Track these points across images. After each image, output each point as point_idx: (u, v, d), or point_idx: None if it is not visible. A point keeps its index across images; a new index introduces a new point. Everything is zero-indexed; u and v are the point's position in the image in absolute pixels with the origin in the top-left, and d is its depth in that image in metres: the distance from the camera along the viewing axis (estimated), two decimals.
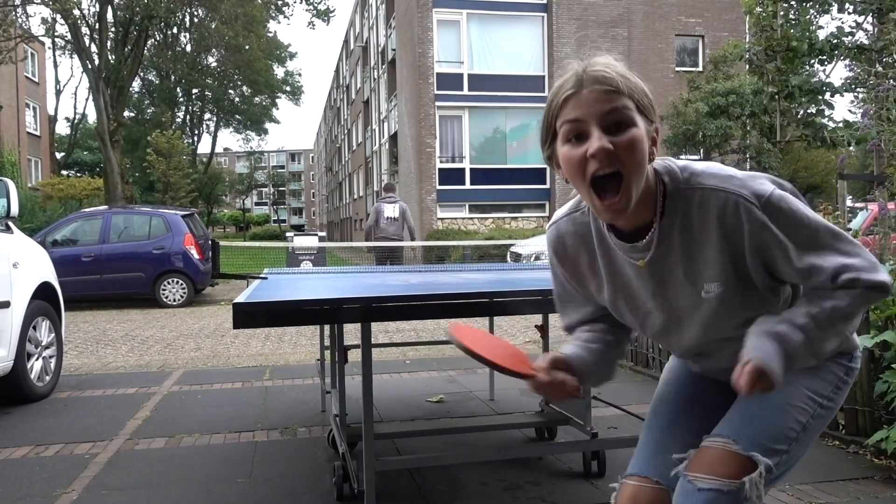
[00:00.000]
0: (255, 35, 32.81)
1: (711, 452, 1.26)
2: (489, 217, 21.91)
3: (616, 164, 1.16)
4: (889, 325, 3.13)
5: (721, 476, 1.22)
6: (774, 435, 1.28)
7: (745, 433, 1.27)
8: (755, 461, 1.23)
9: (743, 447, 1.24)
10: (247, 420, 3.90)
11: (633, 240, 1.28)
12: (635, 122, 1.17)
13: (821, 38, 6.19)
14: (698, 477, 1.24)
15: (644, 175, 1.19)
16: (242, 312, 1.89)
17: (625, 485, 1.38)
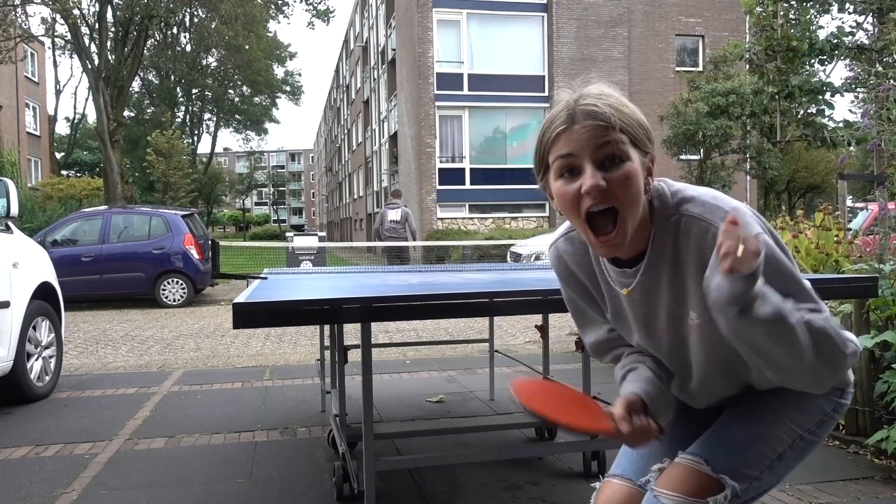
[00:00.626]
0: (255, 35, 32.84)
1: (681, 469, 1.26)
2: (489, 217, 21.91)
3: (610, 201, 1.15)
4: (889, 325, 3.13)
5: (686, 494, 1.22)
6: (747, 460, 1.27)
7: (717, 454, 1.26)
8: (723, 483, 1.23)
9: (713, 468, 1.24)
10: (247, 420, 3.90)
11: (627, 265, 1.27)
12: (629, 155, 1.15)
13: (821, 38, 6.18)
14: (664, 493, 1.24)
15: (640, 208, 1.18)
16: (242, 312, 1.89)
17: (607, 483, 1.39)
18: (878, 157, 5.36)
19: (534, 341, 6.56)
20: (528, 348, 6.16)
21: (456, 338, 7.03)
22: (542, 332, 3.48)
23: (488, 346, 4.36)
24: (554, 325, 7.49)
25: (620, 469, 1.39)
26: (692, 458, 1.27)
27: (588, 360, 3.00)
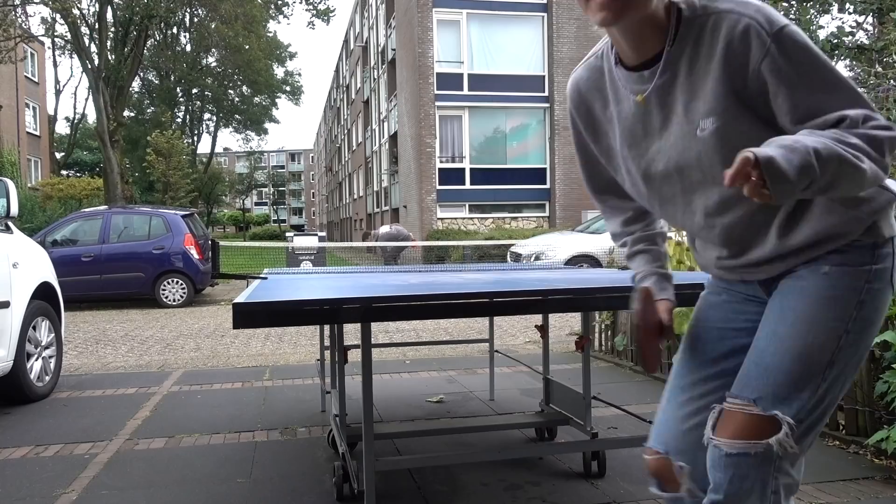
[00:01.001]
0: (255, 35, 32.80)
1: (733, 416, 1.23)
2: (489, 217, 21.91)
3: None
4: (889, 326, 3.13)
5: (746, 439, 1.20)
6: (797, 386, 1.20)
7: (765, 391, 1.20)
8: (779, 420, 1.19)
9: (763, 408, 1.20)
10: (247, 420, 3.90)
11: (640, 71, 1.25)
12: None
13: (821, 38, 6.19)
14: (724, 442, 1.22)
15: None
16: (242, 312, 1.89)
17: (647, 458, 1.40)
18: None
19: (534, 341, 6.56)
20: (528, 348, 6.16)
21: (456, 338, 7.03)
22: (542, 332, 3.48)
23: (488, 346, 4.36)
24: (554, 325, 7.49)
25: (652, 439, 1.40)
26: (740, 403, 1.23)
27: (588, 360, 3.00)
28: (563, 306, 2.09)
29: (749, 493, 1.19)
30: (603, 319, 5.74)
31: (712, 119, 1.18)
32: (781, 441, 1.18)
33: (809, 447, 1.24)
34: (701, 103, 1.19)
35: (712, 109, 1.17)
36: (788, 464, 1.21)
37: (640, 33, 1.21)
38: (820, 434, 1.33)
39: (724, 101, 1.16)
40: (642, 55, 1.23)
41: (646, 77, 1.24)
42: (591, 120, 1.40)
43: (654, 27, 1.19)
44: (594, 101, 1.38)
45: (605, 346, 5.72)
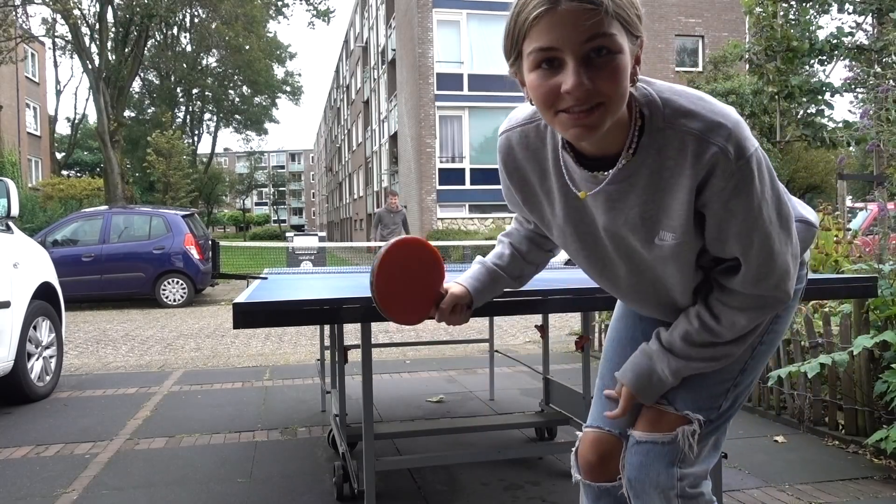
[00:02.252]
0: (255, 35, 32.82)
1: (650, 412, 1.32)
2: (489, 217, 21.91)
3: (594, 99, 1.00)
4: (889, 325, 3.14)
5: (656, 431, 1.30)
6: (709, 391, 1.31)
7: (679, 394, 1.31)
8: (689, 418, 1.29)
9: (676, 407, 1.30)
10: (247, 420, 3.91)
11: (594, 167, 1.15)
12: (620, 46, 0.99)
13: (821, 38, 6.19)
14: (637, 433, 1.32)
15: (624, 103, 1.04)
16: (242, 312, 1.89)
17: (585, 432, 1.44)
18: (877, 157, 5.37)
19: (534, 341, 6.57)
20: (528, 348, 6.17)
21: (456, 338, 7.03)
22: (542, 332, 3.49)
23: (488, 346, 4.36)
24: (554, 325, 7.50)
25: (593, 420, 1.44)
26: (657, 401, 1.32)
27: (588, 360, 3.00)
28: (563, 306, 2.10)
29: (653, 481, 1.27)
30: (603, 319, 5.74)
31: (673, 236, 1.16)
32: (687, 434, 1.28)
33: (710, 452, 1.34)
34: (663, 217, 1.16)
35: (675, 227, 1.15)
36: (692, 459, 1.29)
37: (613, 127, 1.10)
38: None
39: (686, 222, 1.14)
40: (599, 150, 1.14)
41: (599, 178, 1.15)
42: (524, 185, 1.31)
43: (614, 126, 1.08)
44: (530, 171, 1.27)
45: None
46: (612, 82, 0.99)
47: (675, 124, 1.08)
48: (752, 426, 3.55)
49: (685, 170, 1.09)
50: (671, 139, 1.09)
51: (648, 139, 1.10)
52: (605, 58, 0.99)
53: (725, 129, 1.07)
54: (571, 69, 0.98)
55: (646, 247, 1.20)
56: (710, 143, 1.06)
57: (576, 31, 0.97)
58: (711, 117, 1.07)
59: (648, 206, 1.15)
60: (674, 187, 1.12)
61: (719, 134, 1.06)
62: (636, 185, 1.14)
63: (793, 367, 3.23)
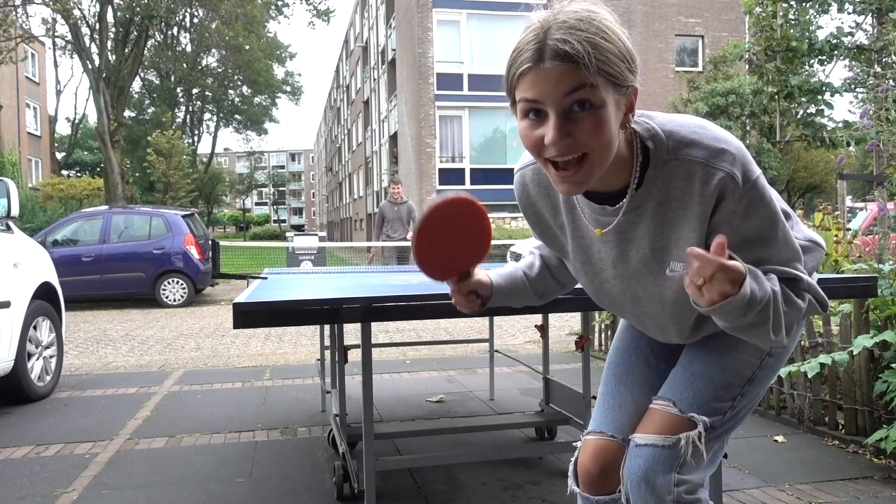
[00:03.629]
0: (255, 35, 32.83)
1: (654, 414, 1.31)
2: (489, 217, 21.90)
3: (577, 150, 1.05)
4: (888, 325, 3.14)
5: (658, 433, 1.28)
6: (716, 393, 1.29)
7: (685, 394, 1.29)
8: (693, 421, 1.27)
9: (680, 409, 1.28)
10: (247, 420, 3.91)
11: (603, 202, 1.20)
12: (602, 100, 1.02)
13: (820, 38, 6.19)
14: (638, 435, 1.30)
15: (612, 151, 1.08)
16: (242, 312, 1.90)
17: (586, 441, 1.41)
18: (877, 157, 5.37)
19: (534, 341, 6.57)
20: (528, 348, 6.17)
21: (456, 338, 7.03)
22: (542, 332, 3.49)
23: (488, 346, 4.36)
24: (554, 325, 7.50)
25: (596, 426, 1.42)
26: (662, 402, 1.31)
27: (588, 360, 3.00)
28: (563, 306, 2.10)
29: (651, 485, 1.25)
30: (603, 319, 5.74)
31: (684, 265, 1.16)
32: (692, 438, 1.26)
33: (710, 461, 1.31)
34: (672, 246, 1.18)
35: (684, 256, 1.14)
36: (692, 466, 1.27)
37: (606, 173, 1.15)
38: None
39: None
40: (603, 187, 1.18)
41: (608, 211, 1.19)
42: (539, 221, 1.36)
43: (615, 165, 1.12)
44: (543, 207, 1.33)
45: (605, 345, 5.72)
46: (593, 135, 1.04)
47: (680, 155, 1.12)
48: (752, 426, 3.55)
49: (693, 198, 1.12)
50: (677, 170, 1.12)
51: (654, 171, 1.14)
52: (588, 111, 1.03)
53: (729, 154, 1.10)
54: (552, 122, 1.03)
55: (657, 279, 1.23)
56: (716, 170, 1.09)
57: (557, 87, 1.01)
58: (714, 144, 1.11)
59: (657, 237, 1.18)
60: (683, 217, 1.15)
61: (724, 160, 1.09)
62: (644, 216, 1.17)
63: (793, 367, 3.23)
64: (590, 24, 1.02)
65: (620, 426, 1.37)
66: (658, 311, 1.30)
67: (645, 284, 1.26)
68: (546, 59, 1.01)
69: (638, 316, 1.36)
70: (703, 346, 1.35)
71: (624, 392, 1.42)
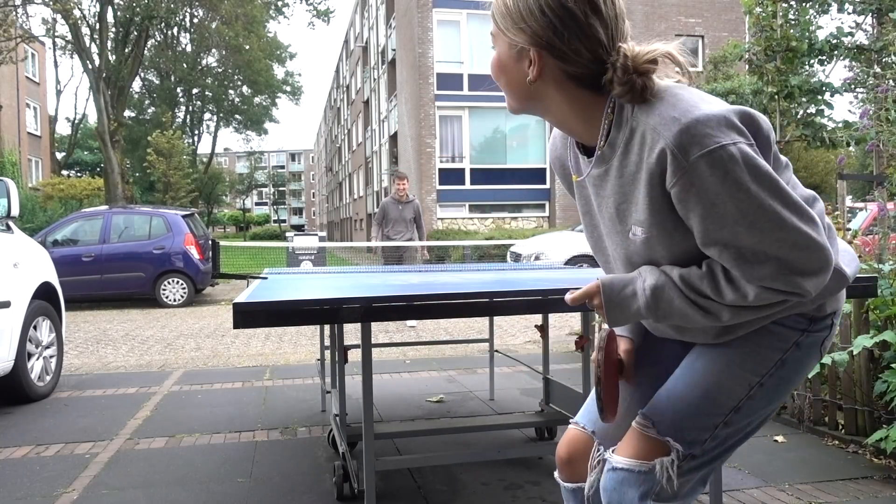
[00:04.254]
0: (255, 35, 32.82)
1: (631, 434, 1.28)
2: (489, 217, 21.91)
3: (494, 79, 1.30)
4: (889, 325, 3.14)
5: (633, 457, 1.24)
6: (695, 420, 1.24)
7: (665, 416, 1.25)
8: (670, 446, 1.23)
9: (658, 431, 1.23)
10: (247, 420, 3.91)
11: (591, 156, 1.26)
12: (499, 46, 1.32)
13: (820, 38, 6.20)
14: (612, 457, 1.27)
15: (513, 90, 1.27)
16: (242, 312, 1.90)
17: (567, 428, 1.44)
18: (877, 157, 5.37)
19: (534, 341, 6.57)
20: (528, 348, 6.17)
21: (456, 338, 7.03)
22: (542, 332, 3.49)
23: (488, 346, 4.36)
24: (554, 325, 7.50)
25: (578, 417, 1.45)
26: (641, 422, 1.27)
27: (588, 360, 3.00)
28: (564, 306, 2.10)
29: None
30: (602, 319, 5.73)
31: (642, 230, 1.17)
32: (665, 465, 1.21)
33: (693, 488, 1.27)
34: (632, 210, 1.18)
35: (642, 221, 1.16)
36: (670, 491, 1.22)
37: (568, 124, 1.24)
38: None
39: (652, 216, 1.14)
40: (588, 139, 1.24)
41: (585, 161, 1.27)
42: (564, 173, 1.42)
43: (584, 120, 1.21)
44: (564, 158, 1.40)
45: None
46: (493, 74, 1.31)
47: (640, 119, 1.12)
48: None
49: (643, 165, 1.12)
50: (635, 133, 1.14)
51: (616, 131, 1.17)
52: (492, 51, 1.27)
53: (678, 123, 1.06)
54: None
55: (623, 240, 1.23)
56: (659, 136, 1.08)
57: None
58: (668, 113, 1.08)
59: (620, 198, 1.20)
60: (638, 182, 1.14)
61: (671, 127, 1.06)
62: (610, 174, 1.20)
63: None
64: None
65: (594, 420, 1.37)
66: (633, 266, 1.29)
67: (616, 244, 1.26)
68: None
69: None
70: (691, 365, 1.29)
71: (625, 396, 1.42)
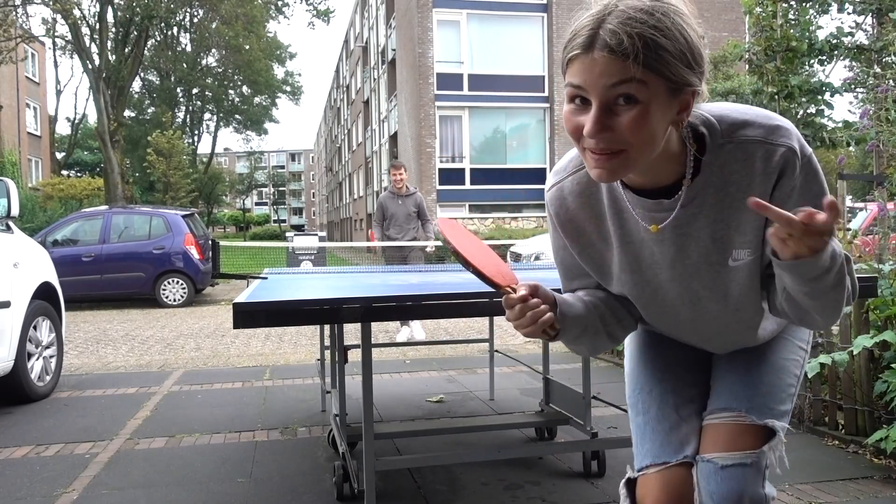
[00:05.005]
0: (255, 35, 32.84)
1: (725, 429, 1.23)
2: (489, 217, 21.90)
3: (615, 145, 1.01)
4: (889, 325, 3.14)
5: (741, 450, 1.20)
6: (780, 396, 1.27)
7: (754, 402, 1.24)
8: (772, 427, 1.23)
9: (757, 416, 1.23)
10: (247, 420, 3.91)
11: (657, 198, 1.14)
12: (648, 97, 0.98)
13: (820, 38, 6.19)
14: (719, 456, 1.21)
15: (653, 149, 1.03)
16: (242, 312, 1.90)
17: (648, 476, 1.27)
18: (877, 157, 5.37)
19: (534, 341, 6.57)
20: (528, 348, 6.17)
21: (456, 338, 7.03)
22: None
23: (488, 346, 4.36)
24: None
25: (654, 457, 1.28)
26: (731, 415, 1.23)
27: (588, 360, 3.00)
28: None
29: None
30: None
31: (749, 251, 1.14)
32: (774, 447, 1.22)
33: None
34: (735, 234, 1.14)
35: (749, 242, 1.13)
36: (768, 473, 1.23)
37: (650, 169, 1.10)
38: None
39: (759, 234, 1.13)
40: (655, 182, 1.13)
41: (664, 206, 1.13)
42: (580, 235, 1.26)
43: (667, 159, 1.09)
44: (585, 218, 1.23)
45: None
46: (632, 131, 0.99)
47: (735, 137, 1.09)
48: None
49: (755, 178, 1.09)
50: (733, 153, 1.09)
51: (710, 157, 1.09)
52: (629, 106, 0.99)
53: (785, 129, 1.09)
54: (593, 113, 1.00)
55: (720, 271, 1.17)
56: (776, 146, 1.07)
57: (602, 77, 0.98)
58: (769, 122, 1.09)
59: (718, 227, 1.14)
60: (743, 201, 1.08)
61: (782, 135, 1.08)
62: (703, 206, 1.12)
63: None
64: (651, 15, 0.97)
65: (681, 449, 1.26)
66: (720, 310, 1.23)
67: (706, 281, 1.19)
68: (596, 48, 0.97)
69: (694, 321, 1.27)
70: (747, 352, 1.31)
71: (670, 412, 1.31)
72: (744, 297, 1.20)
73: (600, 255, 1.26)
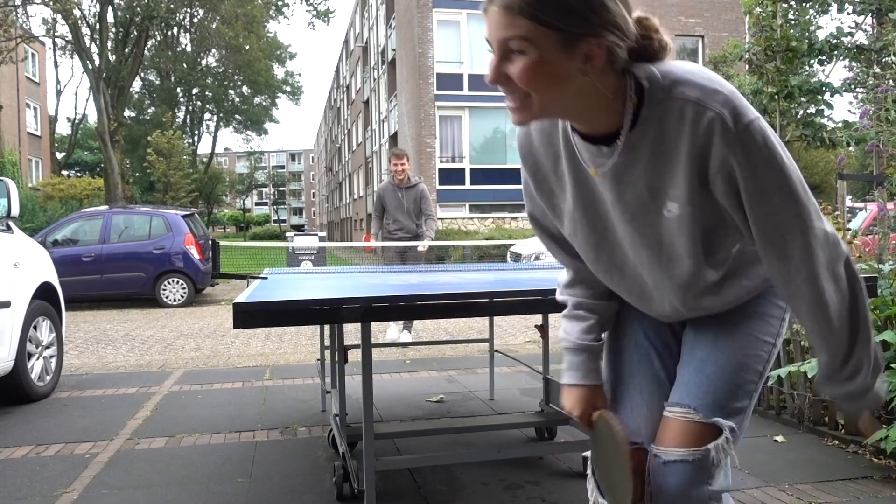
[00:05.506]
0: (255, 35, 32.85)
1: (673, 424, 1.25)
2: (489, 217, 21.91)
3: (517, 91, 1.07)
4: (889, 325, 3.14)
5: (686, 446, 1.21)
6: (735, 394, 1.25)
7: (704, 399, 1.24)
8: (719, 426, 1.22)
9: (704, 415, 1.22)
10: (247, 420, 3.91)
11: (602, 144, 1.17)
12: (536, 48, 1.03)
13: (820, 38, 6.20)
14: (665, 450, 1.23)
15: (558, 96, 1.08)
16: (242, 312, 1.90)
17: None
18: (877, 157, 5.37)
19: (534, 341, 6.57)
20: (528, 348, 6.17)
21: (456, 338, 7.03)
22: (542, 332, 3.49)
23: (488, 346, 4.36)
24: (554, 325, 7.46)
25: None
26: (681, 410, 1.25)
27: None
28: (564, 306, 2.10)
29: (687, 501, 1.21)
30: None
31: (678, 205, 1.15)
32: (721, 446, 1.22)
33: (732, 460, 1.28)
34: (668, 187, 1.15)
35: (678, 196, 1.14)
36: (717, 473, 1.23)
37: (582, 116, 1.14)
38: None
39: (689, 191, 1.13)
40: (596, 129, 1.15)
41: (604, 152, 1.16)
42: (537, 171, 1.31)
43: (602, 109, 1.11)
44: (543, 155, 1.28)
45: None
46: (524, 80, 1.05)
47: (674, 93, 1.10)
48: (752, 426, 3.54)
49: (684, 136, 1.09)
50: (670, 109, 1.10)
51: (648, 111, 1.11)
52: (518, 56, 1.05)
53: (721, 94, 1.07)
54: (490, 62, 1.08)
55: (655, 220, 1.19)
56: (706, 108, 1.07)
57: (495, 30, 1.06)
58: (709, 84, 1.09)
59: (653, 178, 1.15)
60: (676, 156, 1.12)
61: (715, 99, 1.07)
62: (640, 157, 1.14)
63: (793, 367, 3.23)
64: None
65: (637, 431, 1.31)
66: (654, 260, 1.24)
67: (641, 227, 1.21)
68: (492, 3, 1.05)
69: (635, 273, 1.29)
70: (714, 342, 1.29)
71: (634, 395, 1.35)
72: (673, 249, 1.20)
73: (553, 194, 1.31)
